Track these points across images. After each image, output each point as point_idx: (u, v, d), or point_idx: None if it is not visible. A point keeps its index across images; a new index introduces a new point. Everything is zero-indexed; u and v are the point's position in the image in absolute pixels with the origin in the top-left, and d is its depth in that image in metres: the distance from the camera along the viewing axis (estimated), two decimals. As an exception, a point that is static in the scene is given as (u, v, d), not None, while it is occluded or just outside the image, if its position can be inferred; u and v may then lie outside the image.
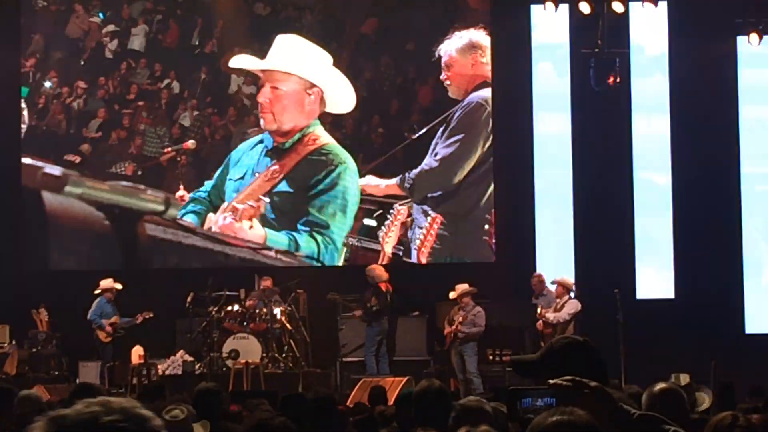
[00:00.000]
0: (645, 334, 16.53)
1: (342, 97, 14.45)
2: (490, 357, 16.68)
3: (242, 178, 14.38)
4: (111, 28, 14.59)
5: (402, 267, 17.20)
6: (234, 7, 14.88)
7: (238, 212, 14.18)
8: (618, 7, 17.70)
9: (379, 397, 9.47)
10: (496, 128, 18.04)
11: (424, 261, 14.71)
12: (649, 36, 18.28)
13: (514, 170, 18.31)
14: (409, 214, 14.74)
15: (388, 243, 14.72)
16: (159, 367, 16.13)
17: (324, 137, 14.66)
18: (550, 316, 15.77)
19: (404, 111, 15.36)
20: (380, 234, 14.54)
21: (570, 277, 16.34)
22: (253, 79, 14.70)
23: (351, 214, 14.59)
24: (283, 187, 14.12)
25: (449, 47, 14.83)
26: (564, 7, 17.99)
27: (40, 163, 13.93)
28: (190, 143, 14.81)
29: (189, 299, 16.59)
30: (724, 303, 17.68)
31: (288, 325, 16.38)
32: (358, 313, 16.37)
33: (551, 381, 2.88)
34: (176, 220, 14.41)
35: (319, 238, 14.72)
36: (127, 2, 14.52)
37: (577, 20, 18.02)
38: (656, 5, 17.73)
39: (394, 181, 14.83)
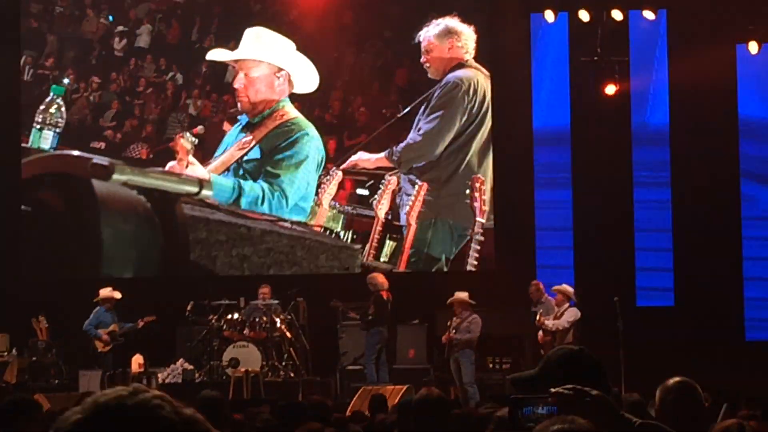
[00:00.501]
0: (645, 341, 16.53)
1: (306, 78, 16.24)
2: (490, 365, 16.68)
3: (223, 153, 16.21)
4: (120, 28, 16.14)
5: (402, 275, 17.23)
6: (228, 6, 16.57)
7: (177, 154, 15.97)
8: (617, 15, 17.75)
9: (379, 406, 9.47)
10: (496, 131, 18.18)
11: (413, 223, 16.24)
12: (649, 44, 18.31)
13: (514, 179, 18.34)
14: (398, 183, 16.38)
15: (381, 209, 16.28)
16: (159, 375, 16.13)
17: (292, 112, 16.33)
18: (550, 323, 15.77)
19: (384, 92, 17.11)
20: (374, 202, 16.14)
21: (570, 285, 16.34)
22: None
23: (304, 172, 16.19)
24: (254, 154, 15.87)
25: (428, 33, 16.48)
26: (563, 16, 18.06)
27: (88, 155, 15.32)
28: (199, 128, 16.29)
29: (189, 308, 16.60)
30: (725, 310, 17.68)
31: (288, 333, 16.38)
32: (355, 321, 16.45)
33: (553, 389, 2.89)
34: (205, 200, 15.98)
35: (265, 185, 16.09)
36: (133, 5, 16.08)
37: (575, 28, 18.07)
38: (655, 14, 17.77)
39: (383, 154, 16.48)
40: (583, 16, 17.88)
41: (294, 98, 16.66)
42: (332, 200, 16.64)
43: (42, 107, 15.66)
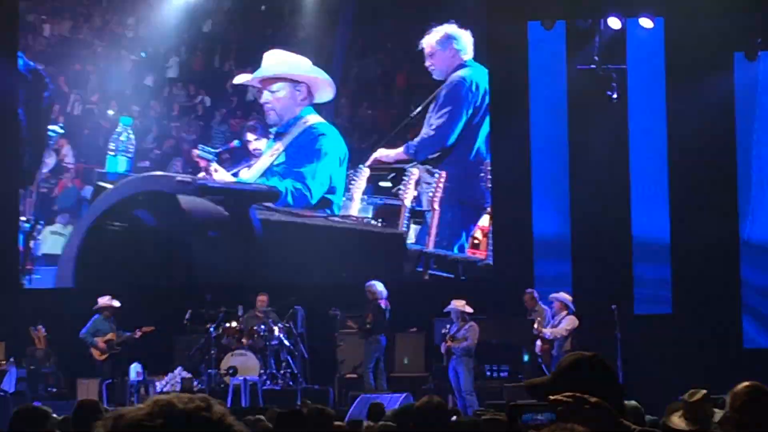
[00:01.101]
0: (643, 349, 16.54)
1: (324, 89, 18.03)
2: (488, 373, 16.69)
3: (257, 162, 18.04)
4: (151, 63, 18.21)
5: (400, 283, 17.24)
6: (244, 34, 18.44)
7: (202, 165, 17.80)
8: (614, 24, 17.77)
9: (378, 415, 9.46)
10: (495, 139, 18.25)
11: (436, 208, 17.75)
12: (647, 52, 18.33)
13: (511, 188, 18.37)
14: (418, 174, 18.03)
15: (407, 198, 17.82)
16: (157, 383, 16.13)
17: (314, 119, 18.02)
18: (547, 331, 15.79)
19: (386, 95, 19.09)
20: (400, 191, 17.79)
21: (568, 294, 16.35)
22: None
23: (325, 166, 17.87)
24: (281, 159, 17.72)
25: (430, 40, 18.21)
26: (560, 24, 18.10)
27: (172, 174, 17.32)
28: (235, 142, 18.05)
29: (187, 316, 16.61)
30: (723, 318, 17.68)
31: (286, 342, 16.40)
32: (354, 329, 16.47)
33: (552, 397, 2.89)
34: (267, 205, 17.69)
35: (288, 182, 17.68)
36: (161, 42, 17.91)
37: (573, 37, 18.11)
38: (653, 22, 17.80)
39: (401, 149, 18.18)
40: (581, 24, 17.92)
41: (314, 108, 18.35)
42: (362, 193, 18.19)
43: (114, 136, 17.37)
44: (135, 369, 16.51)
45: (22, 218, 17.57)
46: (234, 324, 16.43)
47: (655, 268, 18.24)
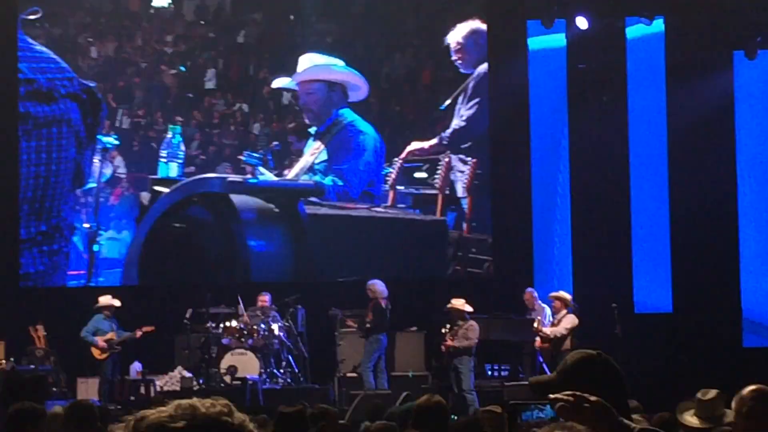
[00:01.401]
0: (643, 348, 16.55)
1: (358, 88, 18.96)
2: (489, 372, 16.70)
3: (299, 161, 19.00)
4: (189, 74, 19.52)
5: (401, 282, 17.27)
6: (276, 42, 19.56)
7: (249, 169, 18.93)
8: (615, 23, 17.80)
9: (378, 414, 9.45)
10: (494, 141, 18.29)
11: (468, 194, 18.60)
12: (646, 51, 18.35)
13: (512, 187, 18.39)
14: (451, 163, 18.82)
15: (442, 186, 18.70)
16: (157, 383, 16.12)
17: (350, 117, 18.94)
18: (547, 330, 15.79)
19: (413, 91, 19.98)
20: (435, 181, 18.73)
21: (567, 292, 16.35)
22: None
23: (364, 162, 18.82)
24: (322, 157, 18.66)
25: (455, 36, 19.05)
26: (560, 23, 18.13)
27: (223, 175, 18.42)
28: (275, 144, 18.96)
29: (188, 315, 16.61)
30: (722, 317, 17.68)
31: (286, 341, 16.40)
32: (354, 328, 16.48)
33: (552, 396, 2.90)
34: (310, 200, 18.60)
35: (329, 178, 18.61)
36: (199, 54, 19.24)
37: (573, 35, 18.13)
38: (651, 21, 17.80)
39: (434, 140, 18.96)
40: (581, 23, 17.93)
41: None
42: (399, 185, 19.00)
43: (164, 144, 18.75)
44: (135, 368, 16.51)
45: (86, 225, 18.59)
46: (234, 323, 16.44)
47: (656, 267, 18.25)
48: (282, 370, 16.35)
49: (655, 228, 18.31)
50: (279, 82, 18.90)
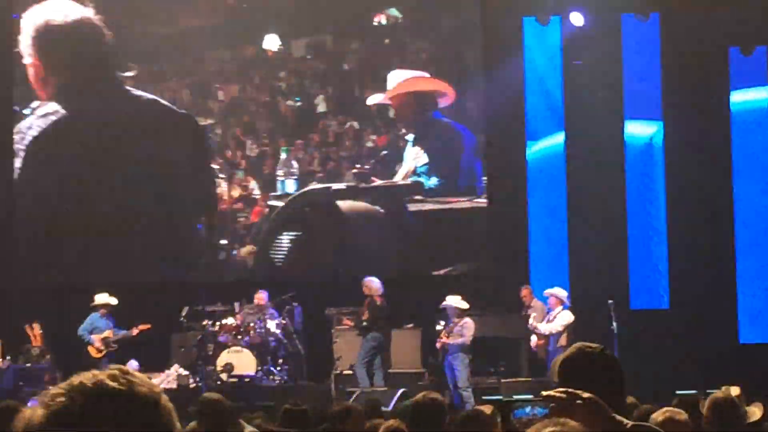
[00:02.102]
0: (639, 344, 16.56)
1: (445, 94, 20.01)
2: (485, 369, 16.70)
3: (403, 166, 20.26)
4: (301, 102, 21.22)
5: (397, 279, 17.27)
6: (375, 61, 20.92)
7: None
8: (610, 19, 17.80)
9: (374, 410, 9.45)
10: (488, 143, 18.30)
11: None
12: (641, 48, 18.35)
13: (508, 183, 18.41)
14: None
15: None
16: (154, 380, 16.09)
17: (444, 120, 19.95)
18: (543, 327, 15.81)
19: None
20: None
21: (563, 289, 16.36)
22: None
23: (463, 161, 19.68)
24: (423, 160, 19.67)
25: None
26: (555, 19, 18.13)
27: (327, 185, 19.72)
28: (383, 153, 20.13)
29: (184, 313, 16.62)
30: (718, 313, 17.69)
31: (283, 338, 16.40)
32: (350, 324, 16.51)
33: (544, 393, 2.90)
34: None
35: (434, 179, 19.69)
36: (310, 85, 20.90)
37: (568, 32, 18.13)
38: (647, 18, 17.81)
39: None
40: (576, 20, 17.94)
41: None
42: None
43: (279, 164, 20.11)
44: (131, 366, 16.50)
45: (223, 241, 19.73)
46: (231, 321, 16.45)
47: (652, 263, 18.26)
48: (279, 368, 16.35)
49: (651, 222, 18.31)
50: (374, 99, 20.37)
